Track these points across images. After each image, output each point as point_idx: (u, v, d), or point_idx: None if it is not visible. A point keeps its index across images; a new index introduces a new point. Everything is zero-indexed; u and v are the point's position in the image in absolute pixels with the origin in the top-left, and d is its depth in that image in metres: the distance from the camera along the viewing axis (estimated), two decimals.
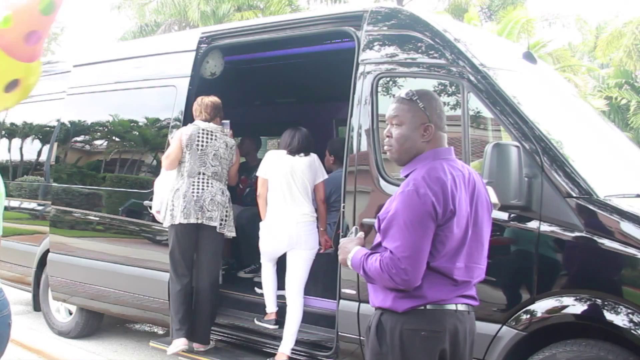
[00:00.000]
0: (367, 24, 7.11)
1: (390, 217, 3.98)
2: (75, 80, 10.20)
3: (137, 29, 38.60)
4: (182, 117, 8.51)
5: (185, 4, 35.83)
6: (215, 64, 9.08)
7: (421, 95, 4.15)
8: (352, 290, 6.80)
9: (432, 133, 4.10)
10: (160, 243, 8.59)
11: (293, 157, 7.89)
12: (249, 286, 9.05)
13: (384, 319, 4.13)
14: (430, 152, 4.10)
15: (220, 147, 8.15)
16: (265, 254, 8.07)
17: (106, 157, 9.96)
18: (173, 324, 8.05)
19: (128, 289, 8.99)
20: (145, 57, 9.55)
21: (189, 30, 22.72)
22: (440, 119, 4.15)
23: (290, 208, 7.80)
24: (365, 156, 6.84)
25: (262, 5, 36.13)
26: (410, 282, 3.91)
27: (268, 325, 7.99)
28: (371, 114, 6.82)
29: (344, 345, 6.96)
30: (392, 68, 6.86)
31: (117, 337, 10.44)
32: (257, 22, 9.26)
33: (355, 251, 4.24)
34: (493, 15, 40.19)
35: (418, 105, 4.11)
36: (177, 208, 7.93)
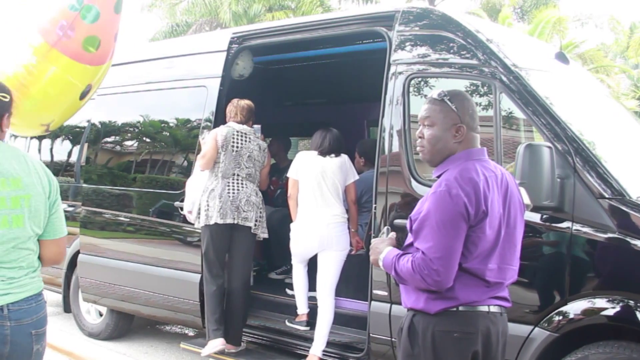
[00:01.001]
0: (398, 24, 7.16)
1: (422, 217, 4.00)
2: (105, 80, 10.19)
3: (168, 29, 38.67)
4: (212, 117, 8.59)
5: (217, 4, 35.91)
6: (244, 65, 9.19)
7: (453, 96, 4.19)
8: (383, 292, 6.85)
9: (464, 134, 4.13)
10: (191, 244, 8.69)
11: (324, 158, 7.96)
12: (280, 287, 9.14)
13: (416, 320, 4.15)
14: (463, 153, 4.14)
15: (254, 149, 8.23)
16: (296, 255, 8.14)
17: (137, 158, 10.06)
18: (210, 324, 8.10)
19: (159, 290, 9.05)
20: (176, 57, 9.61)
21: (220, 31, 22.77)
22: (472, 120, 4.18)
23: (321, 209, 7.87)
24: (396, 157, 6.88)
25: (294, 6, 36.16)
26: (442, 283, 3.94)
27: (299, 327, 8.05)
28: (403, 115, 6.87)
29: (375, 347, 7.00)
30: (424, 68, 6.90)
31: (148, 338, 10.54)
32: (288, 23, 9.28)
33: (387, 252, 4.27)
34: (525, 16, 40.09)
35: (450, 106, 4.14)
36: (213, 208, 7.98)
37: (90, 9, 4.78)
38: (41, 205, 3.97)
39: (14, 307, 3.79)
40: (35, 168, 4.00)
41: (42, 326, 3.99)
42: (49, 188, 4.05)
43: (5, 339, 3.74)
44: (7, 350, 3.75)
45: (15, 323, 3.78)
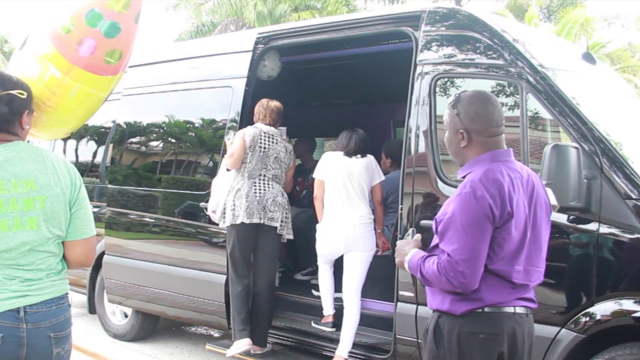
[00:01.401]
0: (425, 24, 7.19)
1: (448, 219, 4.04)
2: (131, 81, 10.25)
3: (194, 29, 38.76)
4: (238, 118, 8.64)
5: (242, 4, 35.98)
6: (272, 66, 9.27)
7: (458, 101, 4.27)
8: (409, 293, 6.89)
9: (468, 138, 4.20)
10: (217, 245, 8.75)
11: (350, 158, 8.01)
12: (306, 288, 9.20)
13: (442, 322, 4.19)
14: (488, 154, 4.16)
15: (281, 150, 8.30)
16: (322, 256, 8.20)
17: (162, 159, 10.13)
18: (236, 325, 8.14)
19: (184, 292, 9.10)
20: (201, 57, 9.65)
21: (245, 31, 22.85)
22: (476, 124, 4.19)
23: (347, 210, 7.91)
24: (423, 157, 6.93)
25: (319, 6, 36.20)
26: (468, 285, 3.98)
27: (325, 328, 8.12)
28: (429, 115, 6.91)
29: (401, 348, 7.05)
30: (450, 69, 6.94)
31: (173, 340, 10.61)
32: (314, 23, 9.34)
33: (413, 253, 4.32)
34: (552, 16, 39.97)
35: (453, 112, 4.23)
36: (240, 208, 8.02)
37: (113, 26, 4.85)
38: (59, 207, 3.95)
39: (31, 310, 3.79)
40: (55, 167, 3.99)
41: (62, 329, 3.97)
42: (70, 187, 4.02)
43: (21, 342, 3.74)
44: (24, 352, 3.75)
45: (32, 326, 3.78)
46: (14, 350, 3.70)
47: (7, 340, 3.67)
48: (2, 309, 3.69)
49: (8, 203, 3.75)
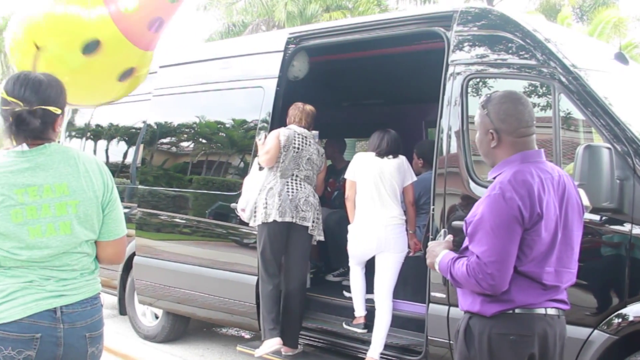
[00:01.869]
0: (457, 25, 7.24)
1: (477, 221, 4.09)
2: (161, 81, 10.38)
3: (225, 29, 38.90)
4: (269, 118, 8.70)
5: (273, 3, 36.09)
6: (300, 67, 9.32)
7: (488, 101, 4.32)
8: (441, 294, 6.93)
9: (497, 138, 4.23)
10: (248, 246, 8.80)
11: (381, 159, 8.05)
12: (337, 290, 9.22)
13: (472, 323, 4.24)
14: (518, 155, 4.19)
15: (314, 152, 8.40)
16: (354, 257, 8.22)
17: (193, 159, 10.17)
18: (266, 324, 8.20)
19: (215, 293, 9.15)
20: (232, 57, 9.70)
21: (276, 31, 22.86)
22: (506, 124, 4.21)
23: (379, 211, 7.95)
24: (455, 158, 6.97)
25: (351, 6, 36.24)
26: (497, 287, 4.02)
27: (357, 329, 8.14)
28: (461, 116, 6.96)
29: (433, 350, 7.09)
30: (482, 69, 6.98)
31: (204, 341, 10.68)
32: (345, 23, 9.38)
33: (443, 255, 4.37)
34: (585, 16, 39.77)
35: (483, 112, 4.28)
36: (272, 206, 8.10)
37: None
38: (92, 210, 3.99)
39: (67, 310, 3.83)
40: (87, 170, 4.01)
41: (96, 329, 4.03)
42: (103, 189, 4.06)
43: (59, 341, 3.79)
44: (61, 352, 3.81)
45: (68, 326, 3.83)
46: (52, 350, 3.77)
47: (45, 340, 3.73)
48: (40, 309, 3.75)
49: (41, 209, 3.80)
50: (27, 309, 3.71)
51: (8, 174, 3.77)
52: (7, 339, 3.66)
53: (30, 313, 3.71)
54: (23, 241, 3.74)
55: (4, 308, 3.71)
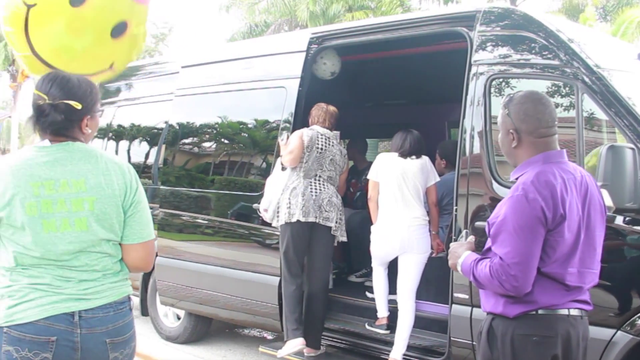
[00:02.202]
0: (480, 24, 7.26)
1: (500, 222, 4.11)
2: (183, 81, 10.46)
3: (247, 29, 39.01)
4: (292, 118, 8.75)
5: (295, 3, 36.15)
6: (332, 63, 9.41)
7: (509, 101, 4.36)
8: (464, 295, 6.96)
9: (517, 139, 4.27)
10: (270, 247, 8.84)
11: (404, 159, 8.07)
12: (360, 290, 9.25)
13: (495, 324, 4.26)
14: (540, 156, 4.22)
15: (337, 153, 8.45)
16: (377, 258, 8.25)
17: (215, 160, 10.24)
18: (288, 324, 8.23)
19: (237, 293, 9.19)
20: (254, 57, 9.75)
21: (299, 31, 22.90)
22: (526, 124, 4.25)
23: (402, 211, 7.97)
24: (478, 158, 6.99)
25: (373, 6, 36.24)
26: (520, 288, 4.04)
27: (379, 330, 8.16)
28: (484, 116, 6.97)
29: (456, 351, 7.11)
30: (506, 69, 7.00)
31: (226, 342, 10.73)
32: (368, 23, 9.43)
33: (466, 256, 4.40)
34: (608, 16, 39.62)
35: (504, 112, 4.33)
36: (295, 206, 8.14)
37: None
38: (110, 208, 3.96)
39: (87, 315, 3.84)
40: (109, 169, 3.99)
41: (120, 335, 3.98)
42: (124, 190, 4.02)
43: (75, 346, 3.79)
44: (79, 356, 3.80)
45: (86, 331, 3.82)
46: (69, 353, 3.77)
47: (61, 343, 3.74)
48: (57, 312, 3.76)
49: (56, 203, 3.81)
50: (43, 311, 3.74)
51: (26, 167, 3.81)
52: (24, 340, 3.69)
53: (47, 315, 3.73)
54: (37, 235, 3.75)
55: (20, 309, 3.74)
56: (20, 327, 3.71)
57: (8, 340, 3.71)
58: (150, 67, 12.84)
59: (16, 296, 3.76)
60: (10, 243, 3.79)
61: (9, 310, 3.75)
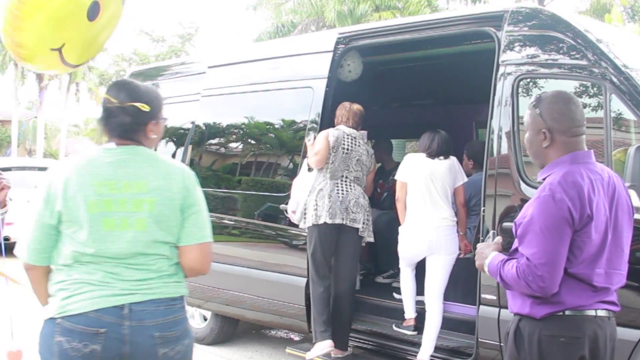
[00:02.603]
0: (507, 25, 7.28)
1: (527, 223, 4.14)
2: (209, 81, 10.50)
3: (274, 29, 39.13)
4: (318, 119, 8.77)
5: (322, 3, 36.21)
6: (354, 66, 9.43)
7: (540, 100, 4.35)
8: (492, 296, 6.97)
9: (550, 138, 4.27)
10: (297, 247, 8.88)
11: (432, 160, 8.10)
12: (387, 291, 9.28)
13: (522, 325, 4.29)
14: (568, 156, 4.23)
15: (363, 153, 8.45)
16: (404, 258, 8.29)
17: (241, 160, 10.28)
18: (317, 326, 8.26)
19: (264, 294, 9.21)
20: (281, 57, 9.79)
21: (326, 31, 22.91)
22: (559, 123, 4.26)
23: (430, 212, 8.00)
24: (505, 159, 7.03)
25: (401, 6, 36.31)
26: (547, 289, 4.06)
27: (406, 332, 8.19)
28: (511, 116, 7.00)
29: (484, 352, 7.14)
30: (533, 69, 7.03)
31: (253, 343, 10.77)
32: (395, 23, 9.46)
33: (492, 257, 4.41)
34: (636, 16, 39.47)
35: (535, 111, 4.34)
36: (322, 208, 8.17)
37: None
38: (169, 210, 4.07)
39: (137, 308, 3.91)
40: (169, 172, 4.12)
41: (170, 330, 4.03)
42: (183, 193, 4.12)
43: (124, 339, 3.87)
44: (127, 349, 3.88)
45: (136, 323, 3.89)
46: (117, 346, 3.86)
47: (110, 336, 3.83)
48: (107, 305, 3.86)
49: (117, 203, 3.93)
50: (94, 303, 3.84)
51: (90, 166, 3.96)
52: (75, 331, 3.80)
53: (97, 307, 3.83)
54: (97, 232, 3.88)
55: (72, 300, 3.86)
56: (71, 318, 3.84)
57: (60, 331, 3.84)
58: (176, 67, 12.90)
59: (69, 289, 3.90)
60: (70, 240, 3.93)
61: (62, 302, 3.89)
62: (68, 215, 3.89)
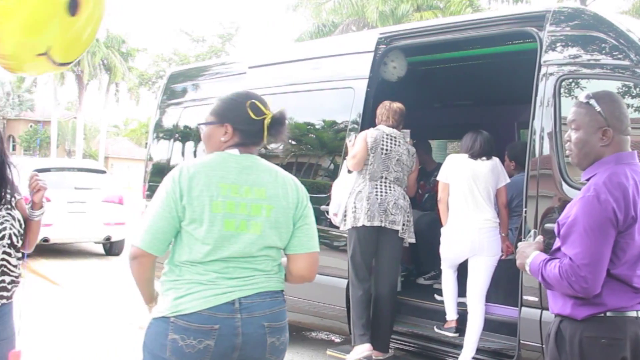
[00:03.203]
0: (549, 24, 7.31)
1: (570, 223, 4.14)
2: (250, 82, 10.45)
3: (315, 29, 39.27)
4: (359, 119, 8.84)
5: (363, 3, 36.28)
6: (398, 65, 9.49)
7: (599, 98, 4.30)
8: (534, 297, 7.00)
9: (610, 137, 4.23)
10: (338, 249, 8.96)
11: (475, 161, 8.15)
12: (429, 293, 9.31)
13: (563, 327, 4.29)
14: (612, 157, 4.24)
15: (403, 153, 8.46)
16: (446, 260, 8.33)
17: (282, 161, 10.20)
18: (356, 329, 8.31)
19: (304, 296, 9.28)
20: (322, 58, 9.85)
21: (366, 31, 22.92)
22: (620, 122, 4.26)
23: (473, 213, 8.04)
24: (547, 160, 7.05)
25: (442, 5, 36.33)
26: (590, 290, 4.05)
27: (448, 333, 8.24)
28: (554, 117, 7.04)
29: (525, 354, 7.15)
30: (576, 69, 7.05)
31: (293, 345, 10.46)
32: (437, 23, 9.52)
33: (534, 256, 4.40)
34: None
35: (595, 109, 4.28)
36: (361, 210, 8.20)
37: None
38: (283, 218, 4.31)
39: (245, 301, 4.11)
40: (285, 183, 4.38)
41: (276, 320, 4.28)
42: (296, 203, 4.38)
43: (237, 331, 4.05)
44: (240, 341, 4.06)
45: (247, 315, 4.09)
46: (231, 339, 4.04)
47: (224, 331, 4.01)
48: (219, 302, 4.04)
49: (239, 206, 4.14)
50: (207, 302, 4.02)
51: (218, 169, 4.16)
52: (189, 329, 3.97)
53: (210, 305, 4.02)
54: (217, 232, 4.08)
55: (185, 300, 4.03)
56: (185, 317, 4.00)
57: (174, 329, 4.01)
58: (216, 68, 13.02)
59: (182, 289, 4.07)
60: (188, 237, 4.12)
61: (175, 301, 4.06)
62: (191, 212, 4.07)
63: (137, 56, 71.39)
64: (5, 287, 5.32)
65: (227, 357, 4.08)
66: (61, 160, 39.76)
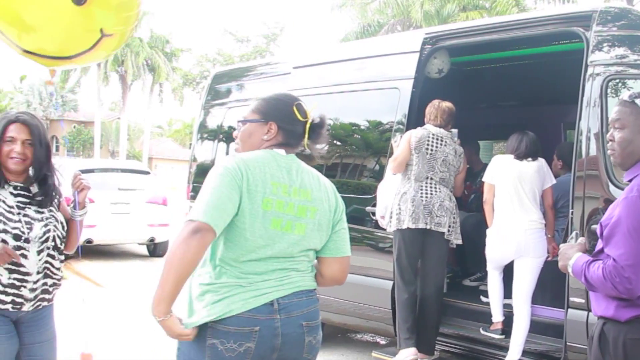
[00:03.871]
0: (596, 24, 7.32)
1: (614, 223, 4.15)
2: (295, 82, 10.54)
3: (360, 29, 39.32)
4: (405, 120, 8.88)
5: (409, 3, 36.30)
6: (442, 60, 9.54)
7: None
8: (580, 299, 7.01)
9: None
10: (384, 250, 8.99)
11: (520, 162, 8.17)
12: (474, 295, 9.35)
13: (607, 329, 4.30)
14: None
15: (450, 153, 8.50)
16: (492, 261, 8.35)
17: (327, 162, 10.26)
18: (401, 333, 8.35)
19: (350, 298, 9.32)
20: (367, 58, 9.88)
21: (412, 31, 22.91)
22: None
23: (519, 214, 8.04)
24: (594, 161, 7.07)
25: (488, 5, 36.23)
26: (634, 291, 4.06)
27: (494, 335, 8.25)
28: (600, 117, 7.04)
29: (572, 356, 7.17)
30: (622, 70, 7.06)
31: (338, 347, 10.80)
32: (482, 23, 9.54)
33: (577, 257, 4.41)
34: None
35: None
36: (405, 212, 8.23)
37: None
38: (324, 221, 4.38)
39: (283, 301, 4.15)
40: (326, 188, 4.47)
41: (313, 319, 4.30)
42: (335, 207, 4.45)
43: (277, 332, 4.10)
44: (279, 342, 4.11)
45: (285, 315, 4.14)
46: (271, 340, 4.09)
47: (264, 332, 4.06)
48: (258, 304, 4.09)
49: (287, 205, 4.21)
50: (246, 304, 4.06)
51: (269, 167, 4.22)
52: (229, 333, 4.02)
53: (249, 308, 4.06)
54: (264, 229, 4.13)
55: (225, 303, 4.06)
56: (224, 321, 4.05)
57: (213, 334, 4.06)
58: (261, 68, 13.11)
59: (220, 292, 4.10)
60: (233, 233, 4.12)
61: (214, 305, 4.09)
62: (246, 203, 4.10)
63: (181, 56, 71.77)
64: (47, 290, 5.39)
65: (266, 358, 4.13)
66: (105, 161, 39.98)
